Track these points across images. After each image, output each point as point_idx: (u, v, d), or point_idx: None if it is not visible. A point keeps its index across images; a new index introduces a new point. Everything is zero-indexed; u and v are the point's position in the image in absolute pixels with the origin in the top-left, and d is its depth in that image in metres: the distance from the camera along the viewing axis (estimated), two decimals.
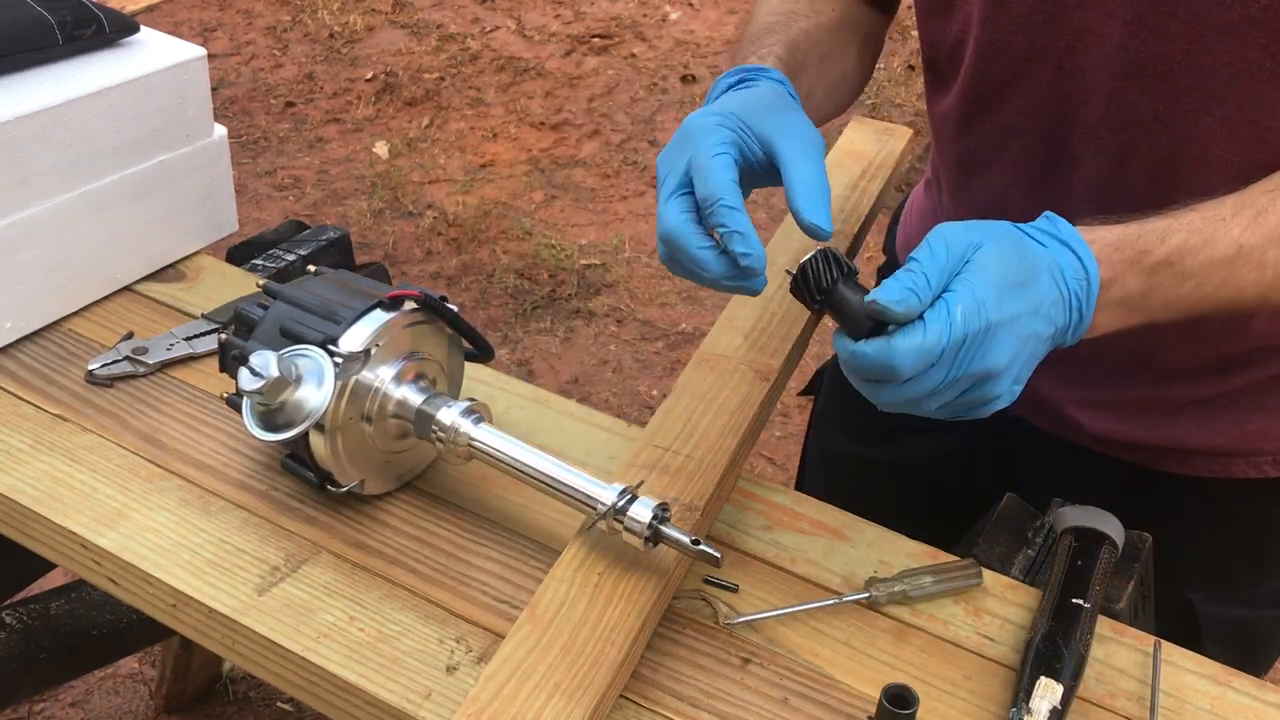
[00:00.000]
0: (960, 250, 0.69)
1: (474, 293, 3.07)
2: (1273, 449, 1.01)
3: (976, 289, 0.67)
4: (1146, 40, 0.80)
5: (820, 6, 0.97)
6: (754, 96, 0.79)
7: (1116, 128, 0.86)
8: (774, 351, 1.09)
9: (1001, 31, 0.86)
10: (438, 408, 0.90)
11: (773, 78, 0.82)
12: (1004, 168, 0.95)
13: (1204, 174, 0.84)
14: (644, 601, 0.83)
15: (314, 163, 3.59)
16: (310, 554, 0.91)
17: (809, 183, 0.73)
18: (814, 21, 0.95)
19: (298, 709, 1.99)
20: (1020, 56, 0.86)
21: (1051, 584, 0.88)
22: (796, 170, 0.73)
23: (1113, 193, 0.89)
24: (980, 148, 0.96)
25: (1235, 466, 1.02)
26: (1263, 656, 1.13)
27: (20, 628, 1.30)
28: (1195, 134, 0.83)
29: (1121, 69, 0.82)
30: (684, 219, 0.73)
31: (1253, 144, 0.82)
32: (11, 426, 1.01)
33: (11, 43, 1.08)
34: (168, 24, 4.18)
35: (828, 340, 0.74)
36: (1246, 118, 0.80)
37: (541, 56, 4.21)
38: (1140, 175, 0.87)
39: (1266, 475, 1.02)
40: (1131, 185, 0.88)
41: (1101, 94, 0.84)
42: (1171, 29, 0.78)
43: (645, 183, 3.52)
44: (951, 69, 0.94)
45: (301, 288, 0.94)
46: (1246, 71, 0.78)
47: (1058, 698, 0.78)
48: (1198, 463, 1.02)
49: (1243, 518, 1.06)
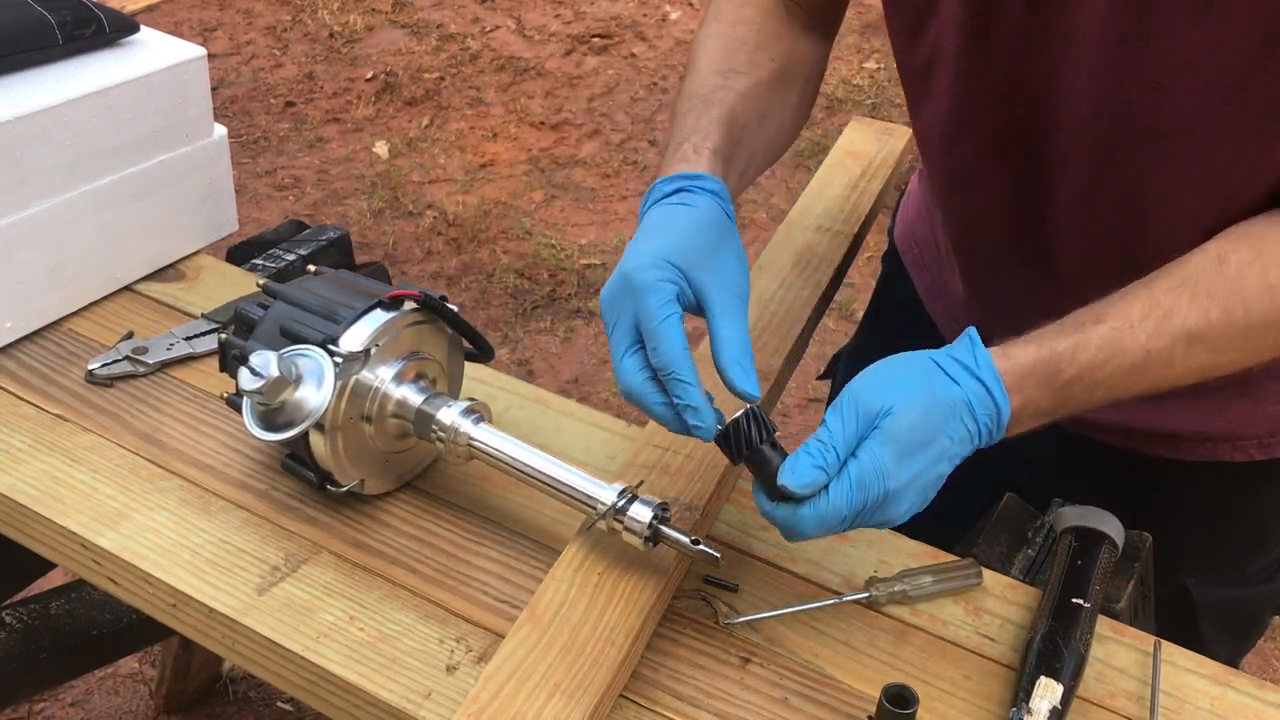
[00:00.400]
0: (871, 413, 0.74)
1: (474, 293, 3.07)
2: (1256, 433, 1.03)
3: (879, 459, 0.74)
4: (1108, 86, 0.82)
5: (760, 59, 0.98)
6: (692, 226, 0.82)
7: (1087, 159, 0.88)
8: (774, 351, 1.09)
9: (978, 65, 0.88)
10: (438, 408, 0.90)
11: (710, 190, 0.85)
12: (985, 187, 0.97)
13: (1168, 210, 0.87)
14: (644, 601, 0.83)
15: (314, 163, 3.59)
16: (310, 554, 0.91)
17: (734, 345, 0.79)
18: (753, 79, 0.96)
19: (298, 709, 1.99)
20: (1000, 86, 0.89)
21: (1051, 584, 0.88)
22: (722, 334, 0.79)
23: (1090, 214, 0.91)
24: (962, 167, 0.98)
25: (1221, 450, 1.04)
26: (1255, 632, 1.17)
27: (20, 628, 1.30)
28: (1156, 175, 0.85)
29: (1089, 108, 0.84)
30: (641, 378, 0.79)
31: (1209, 188, 0.85)
32: (11, 426, 1.01)
33: (11, 43, 1.08)
34: (168, 24, 4.18)
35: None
36: (1203, 164, 0.83)
37: (541, 56, 4.21)
38: (1112, 203, 0.90)
39: (1252, 458, 1.04)
40: (1105, 209, 0.90)
41: (1071, 128, 0.87)
42: (1130, 79, 0.81)
43: (645, 182, 3.52)
44: (924, 87, 0.95)
45: (301, 288, 0.94)
46: (1200, 124, 0.80)
47: (1058, 698, 0.78)
48: (1185, 447, 1.04)
49: (1232, 501, 1.08)
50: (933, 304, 1.19)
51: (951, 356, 0.77)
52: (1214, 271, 0.79)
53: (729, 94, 0.93)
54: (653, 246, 0.80)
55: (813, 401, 2.67)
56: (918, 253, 1.22)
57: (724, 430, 0.77)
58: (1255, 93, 0.77)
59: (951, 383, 0.76)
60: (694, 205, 0.83)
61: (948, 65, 0.91)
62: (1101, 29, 0.80)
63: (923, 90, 0.96)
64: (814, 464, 0.73)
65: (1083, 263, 0.96)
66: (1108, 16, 0.79)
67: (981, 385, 0.76)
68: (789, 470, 0.74)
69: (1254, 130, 0.79)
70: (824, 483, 0.74)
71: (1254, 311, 0.79)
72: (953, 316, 1.17)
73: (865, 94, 3.95)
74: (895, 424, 0.74)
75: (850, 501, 0.74)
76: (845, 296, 2.93)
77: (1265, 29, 0.73)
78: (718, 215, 0.84)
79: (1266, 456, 1.04)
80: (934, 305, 1.19)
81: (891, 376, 0.76)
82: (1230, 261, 0.79)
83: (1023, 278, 1.01)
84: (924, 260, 1.20)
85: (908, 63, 0.96)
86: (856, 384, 0.76)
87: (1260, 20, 0.73)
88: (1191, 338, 0.78)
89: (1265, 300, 0.79)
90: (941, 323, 1.19)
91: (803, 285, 1.19)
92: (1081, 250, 0.95)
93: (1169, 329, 0.78)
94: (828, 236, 1.28)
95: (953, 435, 0.76)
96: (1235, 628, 1.14)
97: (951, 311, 1.17)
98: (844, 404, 0.75)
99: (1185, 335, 0.78)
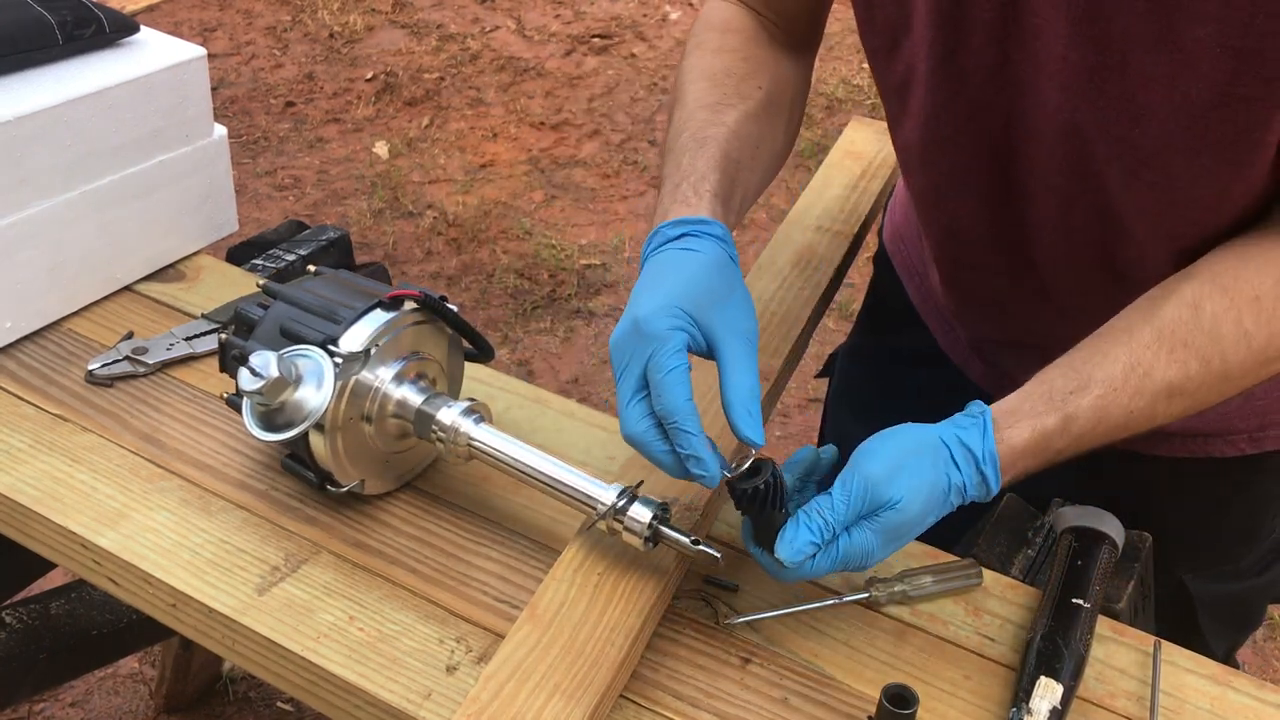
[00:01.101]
0: (877, 503, 0.77)
1: (474, 293, 3.07)
2: (1247, 427, 1.04)
3: (869, 542, 0.78)
4: (1078, 108, 0.83)
5: (747, 89, 0.98)
6: (700, 272, 0.83)
7: (1062, 177, 0.89)
8: (774, 351, 1.09)
9: (948, 84, 0.89)
10: (438, 408, 0.90)
11: (714, 235, 0.86)
12: (964, 200, 0.98)
13: (1141, 229, 0.89)
14: (644, 601, 0.83)
15: (314, 163, 3.59)
16: (310, 554, 0.91)
17: (741, 391, 0.80)
18: (742, 111, 0.96)
19: (298, 709, 1.99)
20: (973, 106, 0.89)
21: (1051, 584, 0.88)
22: (731, 380, 0.80)
23: (1068, 224, 0.92)
24: (941, 181, 0.99)
25: (1213, 445, 1.05)
26: (1252, 624, 1.19)
27: (20, 628, 1.30)
28: (1128, 196, 0.86)
29: (1060, 129, 0.85)
30: (645, 425, 0.80)
31: (1180, 211, 0.86)
32: (11, 426, 1.01)
33: (11, 43, 1.08)
34: (168, 24, 4.18)
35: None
36: (1173, 187, 0.84)
37: (541, 56, 4.21)
38: (1089, 215, 0.90)
39: (1243, 452, 1.05)
40: (1083, 220, 0.91)
41: (1046, 145, 0.87)
42: (1099, 102, 0.81)
43: (645, 183, 3.52)
44: (901, 106, 0.96)
45: (301, 288, 0.94)
46: (1171, 146, 0.81)
47: (1058, 698, 0.78)
48: (1177, 443, 1.06)
49: (1224, 495, 1.10)
50: (922, 305, 1.20)
51: (962, 441, 0.79)
52: (1190, 322, 0.81)
53: (721, 130, 0.94)
54: (663, 293, 0.81)
55: (812, 401, 2.67)
56: (905, 254, 1.22)
57: (745, 491, 0.78)
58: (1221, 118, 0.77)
59: (955, 469, 0.79)
60: (700, 250, 0.84)
61: (921, 84, 0.91)
62: (1064, 55, 0.81)
63: (900, 108, 0.97)
64: (810, 539, 0.77)
65: (1064, 266, 0.96)
66: (1070, 45, 0.80)
67: (980, 475, 0.79)
68: (787, 543, 0.77)
69: (1221, 153, 0.80)
70: (814, 554, 0.77)
71: (1231, 360, 0.81)
72: (942, 318, 1.17)
73: (865, 94, 3.95)
74: (895, 518, 0.77)
75: (830, 567, 0.79)
76: (845, 296, 2.93)
77: (1229, 59, 0.74)
78: (723, 259, 0.85)
79: (1257, 450, 1.05)
80: (924, 306, 1.20)
81: (905, 467, 0.78)
82: (1205, 310, 0.81)
83: (1005, 283, 1.02)
84: (911, 262, 1.21)
85: (885, 81, 0.97)
86: (871, 468, 0.78)
87: (1223, 51, 0.74)
88: (1172, 390, 0.81)
89: (1241, 348, 0.81)
90: (932, 324, 1.19)
91: (803, 285, 1.19)
92: (1062, 256, 0.95)
93: (1149, 387, 0.80)
94: (828, 236, 1.28)
95: (939, 513, 0.80)
96: (1233, 620, 1.16)
97: (940, 313, 1.17)
98: (854, 486, 0.77)
99: (1166, 390, 0.81)
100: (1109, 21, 0.77)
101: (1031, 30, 0.82)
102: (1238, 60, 0.74)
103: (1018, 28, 0.82)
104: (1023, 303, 1.03)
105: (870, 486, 0.77)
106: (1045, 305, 1.01)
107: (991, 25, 0.83)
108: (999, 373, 1.12)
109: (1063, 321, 1.02)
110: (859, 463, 0.79)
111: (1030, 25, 0.82)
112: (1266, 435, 1.05)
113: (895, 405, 1.26)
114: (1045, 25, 0.81)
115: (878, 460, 0.78)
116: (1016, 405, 0.81)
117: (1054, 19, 0.80)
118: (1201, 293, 0.82)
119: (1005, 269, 1.00)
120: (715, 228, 0.86)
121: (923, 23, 0.87)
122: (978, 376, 1.15)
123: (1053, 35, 0.81)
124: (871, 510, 0.77)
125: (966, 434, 0.79)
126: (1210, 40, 0.74)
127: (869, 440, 0.80)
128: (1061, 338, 0.84)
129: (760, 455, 0.81)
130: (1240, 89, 0.75)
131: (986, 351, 1.14)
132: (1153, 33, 0.76)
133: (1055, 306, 1.01)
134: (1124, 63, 0.78)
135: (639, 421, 0.80)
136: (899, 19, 0.90)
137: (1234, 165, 0.80)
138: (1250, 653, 2.22)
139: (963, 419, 0.80)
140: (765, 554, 0.80)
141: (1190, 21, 0.74)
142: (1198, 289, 0.82)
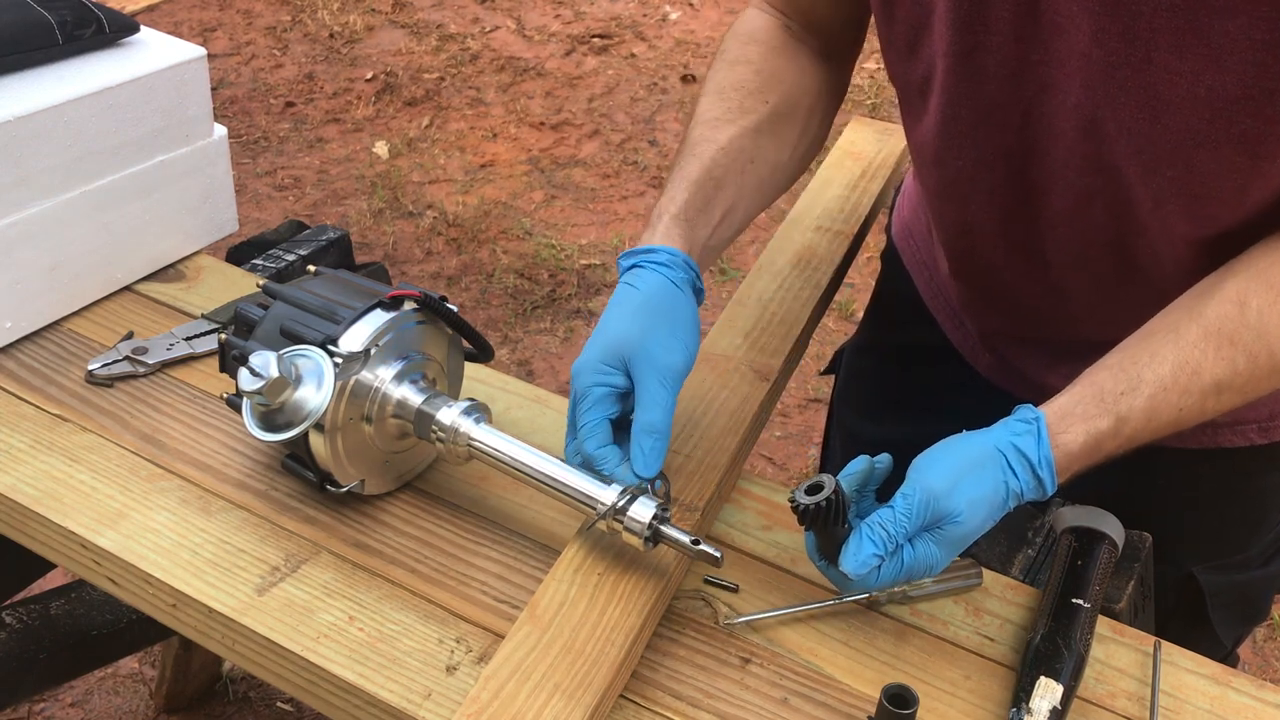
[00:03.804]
0: (939, 515, 0.79)
1: (474, 293, 3.07)
2: (1257, 416, 1.04)
3: (933, 553, 0.80)
4: (1100, 104, 0.83)
5: (752, 105, 0.99)
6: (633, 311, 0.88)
7: (1079, 174, 0.89)
8: (774, 351, 1.09)
9: (969, 80, 0.89)
10: (438, 408, 0.90)
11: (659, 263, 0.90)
12: (978, 198, 0.98)
13: (1156, 224, 0.89)
14: (644, 601, 0.83)
15: (314, 163, 3.59)
16: (310, 554, 0.91)
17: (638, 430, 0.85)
18: (739, 127, 0.97)
19: (298, 709, 1.99)
20: (990, 104, 0.90)
21: (1051, 584, 0.88)
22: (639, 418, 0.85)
23: (1083, 222, 0.92)
24: (956, 179, 0.99)
25: (1222, 436, 1.05)
26: (1259, 615, 1.19)
27: (20, 628, 1.30)
28: (1149, 191, 0.86)
29: (1080, 125, 0.85)
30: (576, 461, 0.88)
31: (1198, 206, 0.86)
32: (11, 426, 1.01)
33: (11, 43, 1.08)
34: (168, 24, 4.18)
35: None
36: (1194, 182, 0.84)
37: (541, 56, 4.21)
38: (1105, 216, 0.91)
39: (1253, 442, 1.05)
40: (1098, 219, 0.91)
41: (1065, 142, 0.88)
42: (1121, 98, 0.81)
43: (645, 183, 3.52)
44: (922, 105, 0.97)
45: (301, 288, 0.94)
46: (1192, 141, 0.81)
47: (1058, 698, 0.78)
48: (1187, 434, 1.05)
49: (1232, 485, 1.10)
50: (932, 301, 1.19)
51: (1018, 448, 0.80)
52: (1237, 319, 0.81)
53: (710, 146, 0.96)
54: (597, 343, 0.87)
55: (812, 401, 2.67)
56: (914, 249, 1.22)
57: (806, 508, 0.80)
58: (1245, 112, 0.77)
59: (1013, 476, 0.80)
60: (638, 286, 0.89)
61: (939, 83, 0.92)
62: (1086, 51, 0.81)
63: (920, 106, 0.97)
64: (875, 551, 0.79)
65: (1077, 262, 0.96)
66: (1093, 41, 0.80)
67: (1037, 480, 0.80)
68: (851, 556, 0.79)
69: (1243, 147, 0.80)
70: (878, 565, 0.79)
71: (1278, 353, 0.81)
72: (951, 312, 1.17)
73: (865, 94, 3.95)
74: (957, 530, 0.79)
75: (894, 578, 0.81)
76: (845, 296, 2.93)
77: (1256, 52, 0.74)
78: (663, 289, 0.89)
79: (1266, 440, 1.05)
80: (934, 302, 1.19)
81: (965, 479, 0.79)
82: (1251, 305, 0.81)
83: (1017, 278, 1.02)
84: (921, 257, 1.21)
85: (904, 81, 0.97)
86: (931, 481, 0.79)
87: (1251, 44, 0.74)
88: (1220, 387, 0.81)
89: None
90: (940, 318, 1.19)
91: (803, 285, 1.19)
92: (1075, 251, 0.95)
93: (1198, 385, 0.81)
94: (828, 236, 1.28)
95: (997, 519, 0.81)
96: (1241, 611, 1.16)
97: (951, 308, 1.17)
98: (915, 499, 0.79)
99: (1214, 386, 0.81)
100: (1134, 17, 0.77)
101: (1052, 27, 0.82)
102: (1265, 53, 0.74)
103: (1038, 25, 0.82)
104: (1034, 298, 1.03)
105: (931, 499, 0.79)
106: (1057, 300, 1.01)
107: (1011, 23, 0.83)
108: (1008, 367, 1.12)
109: (1074, 317, 1.02)
110: (919, 475, 0.80)
111: (1051, 22, 0.82)
112: (1276, 425, 1.05)
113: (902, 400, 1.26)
114: (1067, 22, 0.81)
115: (936, 473, 0.80)
116: (1068, 408, 0.81)
117: (1076, 15, 0.80)
118: (1246, 288, 0.82)
119: (1018, 264, 1.00)
120: (662, 254, 0.90)
121: (942, 22, 0.87)
122: (986, 371, 1.15)
123: (1075, 31, 0.81)
124: (934, 523, 0.79)
125: (1022, 440, 0.80)
126: (1239, 34, 0.74)
127: (928, 451, 0.82)
128: (1072, 333, 0.85)
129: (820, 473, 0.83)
130: (1266, 82, 0.75)
131: (996, 345, 1.14)
132: (1179, 27, 0.76)
133: (1067, 302, 1.00)
134: (1148, 58, 0.78)
135: (572, 458, 0.88)
136: (918, 19, 0.90)
137: (1255, 159, 0.80)
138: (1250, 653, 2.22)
139: (1016, 424, 0.81)
140: (831, 567, 0.82)
141: (1218, 15, 0.74)
142: (1242, 285, 0.82)
